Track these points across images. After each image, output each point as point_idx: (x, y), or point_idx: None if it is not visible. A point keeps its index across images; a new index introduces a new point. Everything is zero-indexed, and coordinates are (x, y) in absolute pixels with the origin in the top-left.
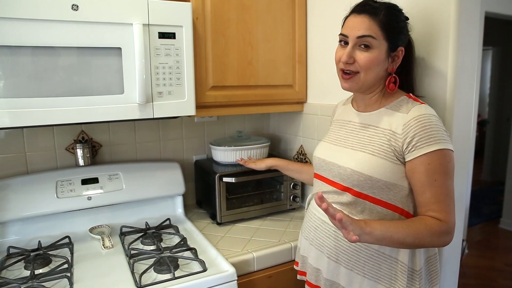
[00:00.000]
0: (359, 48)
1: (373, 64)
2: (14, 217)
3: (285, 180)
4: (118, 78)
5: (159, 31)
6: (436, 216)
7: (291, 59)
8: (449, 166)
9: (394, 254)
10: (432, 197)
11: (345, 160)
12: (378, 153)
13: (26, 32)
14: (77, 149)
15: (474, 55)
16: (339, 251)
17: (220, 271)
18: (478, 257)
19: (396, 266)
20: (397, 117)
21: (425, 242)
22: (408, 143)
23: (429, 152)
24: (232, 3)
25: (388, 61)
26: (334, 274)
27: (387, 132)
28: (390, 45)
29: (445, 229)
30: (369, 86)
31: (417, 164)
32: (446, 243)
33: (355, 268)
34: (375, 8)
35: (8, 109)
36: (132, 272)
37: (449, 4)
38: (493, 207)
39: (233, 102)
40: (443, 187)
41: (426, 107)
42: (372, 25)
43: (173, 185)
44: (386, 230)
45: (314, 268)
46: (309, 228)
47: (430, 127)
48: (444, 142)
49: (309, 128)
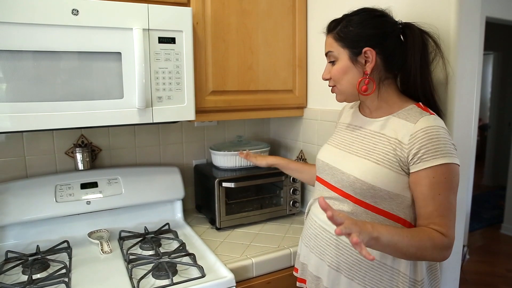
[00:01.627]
0: (331, 64)
1: (340, 74)
2: (12, 221)
3: (285, 185)
4: (118, 82)
5: (159, 36)
6: (438, 230)
7: (291, 64)
8: (454, 181)
9: (396, 265)
10: (434, 211)
11: (348, 166)
12: (383, 162)
13: (27, 36)
14: (77, 153)
15: (474, 60)
16: (340, 260)
17: (218, 277)
18: (479, 262)
19: (398, 278)
20: (404, 126)
21: (426, 254)
22: (414, 154)
23: (435, 166)
24: (233, 8)
25: (357, 66)
26: (334, 283)
27: (393, 141)
28: (352, 51)
29: (446, 244)
30: (353, 94)
31: (422, 177)
32: (445, 258)
33: (355, 278)
34: (331, 25)
35: (9, 113)
36: (130, 277)
37: (449, 9)
38: (494, 212)
39: (233, 107)
40: (446, 201)
41: (435, 118)
42: (331, 41)
43: (173, 190)
44: (392, 238)
45: (314, 276)
46: (309, 235)
47: (438, 139)
48: (451, 156)
49: (309, 133)
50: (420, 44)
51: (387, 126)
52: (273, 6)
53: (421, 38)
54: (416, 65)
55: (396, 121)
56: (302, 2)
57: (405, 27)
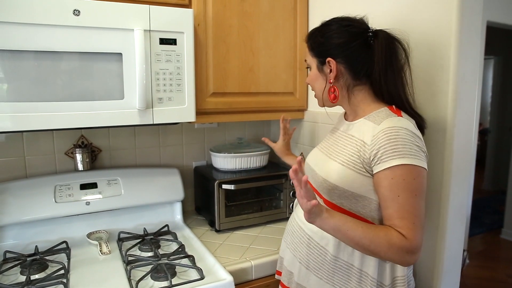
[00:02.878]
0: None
1: (311, 80)
2: (11, 221)
3: (285, 188)
4: (119, 83)
5: (160, 37)
6: (400, 232)
7: (292, 66)
8: (413, 183)
9: (364, 268)
10: (394, 213)
11: (320, 168)
12: (347, 163)
13: (28, 36)
14: (77, 154)
15: (475, 65)
16: (310, 258)
17: (217, 279)
18: (480, 267)
19: (366, 280)
20: (370, 127)
21: (380, 251)
22: (374, 155)
23: (392, 166)
24: (234, 10)
25: (323, 74)
26: (305, 280)
27: (359, 142)
28: (319, 60)
29: (405, 246)
30: (325, 99)
31: (381, 178)
32: (407, 262)
33: (324, 277)
34: (309, 34)
35: (9, 113)
36: (128, 279)
37: (451, 14)
38: (495, 217)
39: (234, 109)
40: (407, 204)
41: (399, 120)
42: (307, 50)
43: (172, 191)
44: (343, 223)
45: (288, 271)
46: (288, 231)
47: (396, 140)
48: (410, 158)
49: (310, 136)
50: (385, 50)
51: (357, 128)
52: (274, 8)
53: (387, 45)
54: (381, 71)
55: (366, 123)
56: (304, 5)
57: (375, 35)
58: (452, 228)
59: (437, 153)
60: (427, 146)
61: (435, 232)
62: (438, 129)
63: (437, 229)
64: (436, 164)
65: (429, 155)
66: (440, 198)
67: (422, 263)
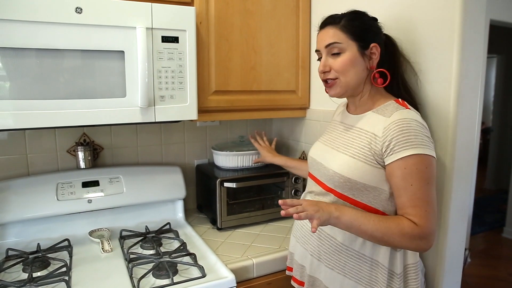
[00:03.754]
0: (332, 57)
1: (348, 66)
2: (14, 219)
3: (287, 186)
4: (121, 81)
5: (162, 35)
6: (412, 220)
7: (294, 64)
8: (426, 172)
9: (375, 256)
10: (407, 201)
11: (329, 161)
12: (358, 155)
13: (30, 34)
14: (79, 152)
15: (478, 63)
16: (321, 249)
17: (219, 277)
18: (481, 266)
19: (377, 268)
20: (380, 120)
21: (394, 241)
22: (387, 146)
23: (405, 157)
24: (236, 8)
25: (364, 59)
26: (316, 272)
27: (369, 135)
28: (360, 44)
29: (417, 233)
30: (354, 87)
31: (394, 168)
32: (421, 248)
33: (336, 267)
34: (335, 18)
35: (12, 110)
36: (130, 276)
37: (454, 12)
38: (497, 216)
39: (236, 107)
40: (420, 192)
41: (409, 112)
42: (336, 32)
43: (174, 189)
44: (356, 219)
45: (299, 265)
46: (296, 226)
47: (408, 131)
48: (422, 147)
49: (312, 134)
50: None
51: (366, 121)
52: (277, 6)
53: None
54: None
55: (374, 116)
56: (306, 3)
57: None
58: (454, 227)
59: (440, 151)
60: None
61: (437, 230)
62: (440, 127)
63: (439, 227)
64: (439, 162)
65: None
66: (442, 196)
67: (424, 261)
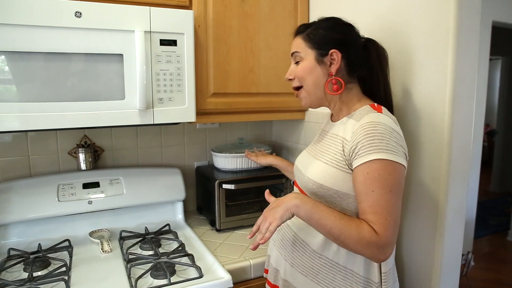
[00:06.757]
0: (295, 65)
1: (305, 72)
2: (16, 219)
3: (285, 188)
4: (120, 84)
5: (161, 38)
6: (372, 227)
7: None
8: (389, 179)
9: (349, 265)
10: (368, 208)
11: (307, 168)
12: (331, 162)
13: (30, 38)
14: (80, 153)
15: (474, 65)
16: (295, 256)
17: (216, 278)
18: (485, 269)
19: (351, 278)
20: (352, 125)
21: (350, 242)
22: (353, 150)
23: (368, 161)
24: (234, 11)
25: (323, 66)
26: (291, 277)
27: (340, 140)
28: (319, 52)
29: (375, 241)
30: (318, 95)
31: (358, 173)
32: (376, 258)
33: (309, 275)
34: (304, 27)
35: (16, 113)
36: (128, 276)
37: (449, 13)
38: (501, 219)
39: (234, 109)
40: (381, 199)
41: (378, 115)
42: (299, 42)
43: (174, 191)
44: (317, 211)
45: (274, 268)
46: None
47: (373, 135)
48: (387, 153)
49: (311, 136)
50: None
51: (339, 126)
52: (275, 9)
53: (381, 49)
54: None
55: (349, 122)
56: (304, 6)
57: (367, 41)
58: (451, 230)
59: (435, 153)
60: (425, 146)
61: (433, 233)
62: (436, 129)
63: (435, 230)
64: (434, 164)
65: (427, 155)
66: (438, 199)
67: (420, 265)
